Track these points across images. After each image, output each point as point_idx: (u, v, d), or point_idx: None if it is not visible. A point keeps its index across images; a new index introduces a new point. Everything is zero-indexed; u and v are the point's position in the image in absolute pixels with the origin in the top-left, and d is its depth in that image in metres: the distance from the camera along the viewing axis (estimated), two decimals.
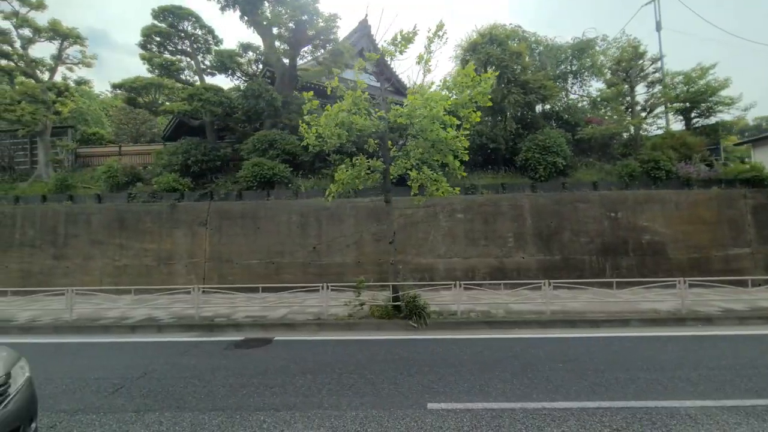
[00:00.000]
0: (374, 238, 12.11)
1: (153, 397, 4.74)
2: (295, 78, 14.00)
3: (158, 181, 12.88)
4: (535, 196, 12.16)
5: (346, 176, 8.69)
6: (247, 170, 12.62)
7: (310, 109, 8.04)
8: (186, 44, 14.41)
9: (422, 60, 8.89)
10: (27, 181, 14.26)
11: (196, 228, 12.41)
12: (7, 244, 12.70)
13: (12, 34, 13.66)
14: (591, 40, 14.38)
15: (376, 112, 8.17)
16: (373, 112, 8.08)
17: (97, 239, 12.53)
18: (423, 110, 7.13)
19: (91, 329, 8.28)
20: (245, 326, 8.15)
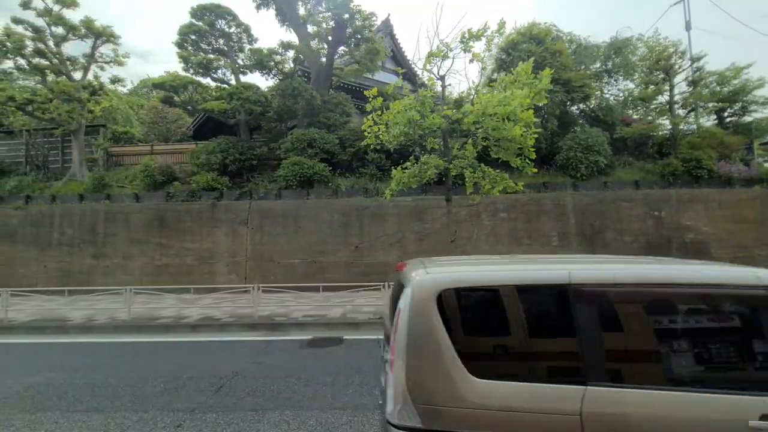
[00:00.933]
0: (417, 237, 12.07)
1: (260, 395, 4.69)
2: (330, 77, 13.96)
3: (196, 180, 12.82)
4: (578, 194, 12.14)
5: (407, 174, 8.66)
6: (287, 169, 12.56)
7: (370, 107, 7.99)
8: (220, 42, 14.35)
9: (481, 59, 8.90)
10: (61, 180, 14.16)
11: (236, 227, 12.35)
12: (46, 244, 12.62)
13: (46, 32, 13.58)
14: (628, 39, 14.38)
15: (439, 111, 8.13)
16: (438, 110, 8.03)
17: (137, 238, 12.45)
18: (498, 108, 7.08)
19: (152, 328, 8.21)
20: (308, 325, 8.09)
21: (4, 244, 12.70)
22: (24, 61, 14.03)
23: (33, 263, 12.55)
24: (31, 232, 12.72)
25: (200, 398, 4.67)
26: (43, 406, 4.51)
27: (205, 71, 13.58)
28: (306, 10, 13.91)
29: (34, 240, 12.67)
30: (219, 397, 4.70)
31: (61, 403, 4.61)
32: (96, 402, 4.61)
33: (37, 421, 4.15)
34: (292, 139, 13.04)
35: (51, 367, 5.99)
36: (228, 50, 13.94)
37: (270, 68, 13.49)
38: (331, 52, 13.17)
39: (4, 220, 12.84)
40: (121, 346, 7.15)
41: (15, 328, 8.36)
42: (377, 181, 13.05)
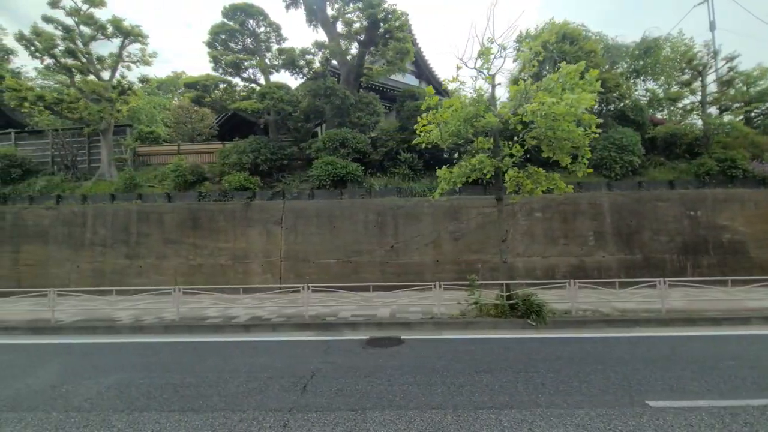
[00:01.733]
0: (452, 237, 12.04)
1: (349, 395, 4.65)
2: (360, 77, 13.94)
3: (228, 179, 12.78)
4: (614, 194, 12.11)
5: (455, 174, 8.64)
6: (320, 169, 12.53)
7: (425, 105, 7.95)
8: (247, 42, 14.32)
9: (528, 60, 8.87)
10: (90, 180, 14.11)
11: (270, 227, 12.32)
12: (78, 244, 12.58)
13: (75, 32, 13.53)
14: (657, 39, 14.38)
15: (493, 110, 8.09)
16: (493, 109, 8.00)
17: (170, 238, 12.41)
18: (559, 107, 7.04)
19: (202, 328, 8.16)
20: (360, 325, 8.05)
21: (36, 244, 12.65)
22: (51, 60, 13.99)
23: (65, 263, 12.50)
24: (63, 232, 12.67)
25: (290, 398, 4.63)
26: (136, 406, 4.47)
27: (236, 71, 13.55)
28: (335, 10, 13.89)
29: (66, 240, 12.62)
30: (309, 396, 4.66)
31: (152, 402, 4.57)
32: (186, 402, 4.57)
33: (137, 421, 4.11)
34: (324, 139, 13.01)
35: (121, 366, 5.95)
36: (257, 50, 13.90)
37: (300, 68, 13.45)
38: (363, 51, 13.14)
39: (36, 220, 12.79)
40: (180, 345, 7.10)
41: (64, 329, 8.32)
42: (410, 180, 13.03)
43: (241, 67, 13.44)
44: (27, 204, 13.12)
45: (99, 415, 4.27)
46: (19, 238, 12.72)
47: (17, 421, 4.16)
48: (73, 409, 4.45)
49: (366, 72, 13.99)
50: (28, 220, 12.81)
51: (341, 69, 13.98)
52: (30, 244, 12.68)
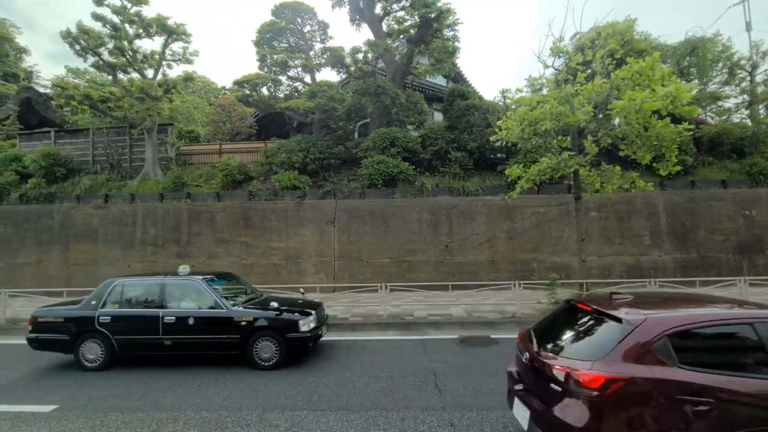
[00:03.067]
0: (507, 236, 12.00)
1: (489, 394, 4.61)
2: (406, 76, 13.89)
3: (278, 178, 12.72)
4: (668, 193, 12.10)
5: (532, 172, 8.62)
6: (372, 168, 12.48)
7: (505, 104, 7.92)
8: (290, 41, 14.27)
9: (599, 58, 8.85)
10: (135, 179, 14.03)
11: (323, 226, 12.26)
12: (129, 243, 12.49)
13: (123, 30, 13.45)
14: (702, 38, 14.39)
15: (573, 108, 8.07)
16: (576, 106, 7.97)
17: (222, 238, 12.34)
18: (654, 103, 7.02)
19: None
20: (442, 324, 8.01)
21: (86, 243, 12.57)
22: (94, 59, 13.90)
23: (116, 262, 12.41)
24: (112, 231, 12.59)
25: (431, 396, 4.59)
26: (276, 405, 4.42)
27: (282, 69, 13.49)
28: (382, 8, 13.86)
29: (116, 239, 12.54)
30: (450, 395, 4.62)
31: (296, 402, 4.52)
32: (329, 401, 4.52)
33: (301, 420, 4.06)
34: (374, 138, 12.96)
35: None
36: (302, 48, 13.84)
37: (347, 66, 13.39)
38: (411, 50, 13.09)
39: (85, 219, 12.70)
40: None
41: None
42: (461, 180, 13.00)
43: (289, 66, 13.38)
44: (75, 203, 13.03)
45: (239, 413, 4.22)
46: (68, 237, 12.62)
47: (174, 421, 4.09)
48: (211, 408, 4.39)
49: (412, 71, 13.94)
50: (76, 219, 12.72)
51: (387, 68, 13.94)
52: (79, 243, 12.59)
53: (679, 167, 8.24)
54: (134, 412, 4.32)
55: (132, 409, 4.39)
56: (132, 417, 4.21)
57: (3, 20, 35.25)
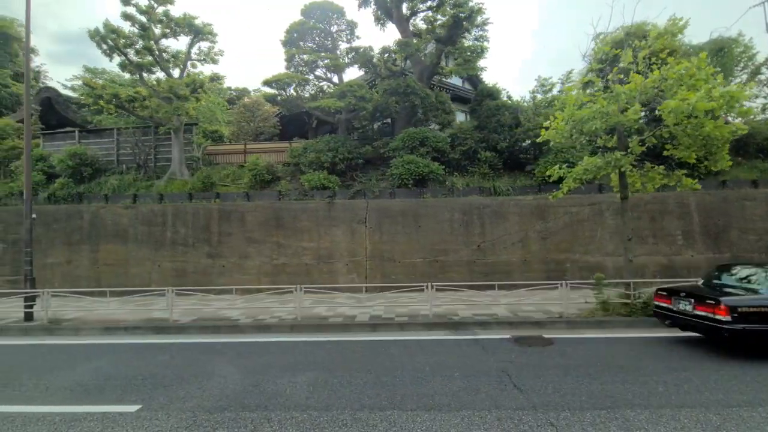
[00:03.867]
0: (540, 236, 11.99)
1: (576, 395, 4.55)
2: (433, 75, 13.87)
3: (308, 178, 12.70)
4: (701, 193, 12.08)
5: (576, 172, 8.61)
6: (402, 168, 12.47)
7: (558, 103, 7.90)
8: (317, 40, 14.25)
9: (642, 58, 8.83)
10: (162, 178, 14.00)
11: (354, 226, 12.24)
12: (159, 243, 12.46)
13: (151, 30, 13.43)
14: (729, 39, 14.42)
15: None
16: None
17: (253, 237, 12.31)
18: (708, 103, 7.00)
19: (329, 327, 8.09)
20: (490, 324, 7.99)
21: (116, 243, 12.53)
22: (120, 58, 13.87)
23: (146, 262, 12.38)
24: (142, 231, 12.56)
25: (516, 396, 4.55)
26: (364, 404, 4.38)
27: (310, 69, 13.48)
28: (409, 8, 13.85)
29: (146, 239, 12.50)
30: (535, 395, 4.57)
31: (378, 401, 4.48)
32: (414, 400, 4.48)
33: (387, 419, 4.03)
34: (403, 138, 12.95)
35: (294, 365, 5.86)
36: (330, 47, 13.83)
37: (376, 66, 13.37)
38: (440, 50, 13.08)
39: (115, 219, 12.67)
40: (327, 345, 7.00)
41: (187, 328, 8.24)
42: (491, 180, 12.99)
43: (318, 65, 13.36)
44: (103, 203, 13.01)
45: (330, 413, 4.19)
46: (97, 237, 12.59)
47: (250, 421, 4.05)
48: (298, 407, 4.36)
49: (439, 71, 13.93)
50: (106, 219, 12.68)
51: (414, 68, 13.93)
52: (109, 243, 12.56)
53: (731, 163, 8.21)
54: (221, 412, 4.29)
55: (219, 409, 4.36)
56: (223, 417, 4.18)
57: (12, 19, 35.17)
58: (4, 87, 27.67)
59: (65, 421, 4.14)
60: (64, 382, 5.36)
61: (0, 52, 32.68)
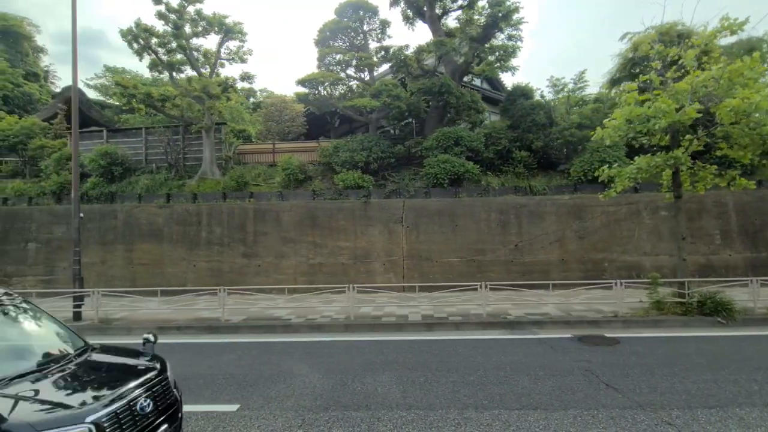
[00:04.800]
0: (577, 235, 11.97)
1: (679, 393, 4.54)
2: (465, 75, 13.85)
3: (342, 177, 12.67)
4: (739, 193, 12.07)
5: (628, 171, 8.58)
6: (437, 167, 12.44)
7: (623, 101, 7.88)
8: (347, 39, 14.23)
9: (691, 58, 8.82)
10: (192, 178, 13.96)
11: (391, 225, 12.21)
12: (194, 242, 12.41)
13: (184, 29, 13.39)
14: (760, 39, 14.42)
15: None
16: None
17: (289, 237, 12.27)
18: None
19: (383, 326, 8.05)
20: (545, 323, 7.96)
21: (151, 243, 12.48)
22: (149, 57, 13.83)
23: (181, 262, 12.33)
24: (177, 230, 12.51)
25: (616, 396, 4.52)
26: (465, 404, 4.36)
27: (343, 68, 13.45)
28: (441, 8, 13.85)
29: (181, 239, 12.46)
30: (635, 395, 4.53)
31: (482, 401, 4.46)
32: (518, 401, 4.45)
33: (486, 419, 4.00)
34: (437, 137, 12.93)
35: (368, 364, 5.82)
36: (362, 46, 13.81)
37: (407, 66, 13.34)
38: (474, 48, 13.05)
39: (149, 219, 12.62)
40: (391, 344, 6.95)
41: (240, 328, 8.19)
42: (525, 179, 12.97)
43: (351, 64, 13.34)
44: (136, 202, 12.96)
45: (436, 412, 4.16)
46: (131, 237, 12.54)
47: (376, 420, 4.02)
48: (401, 406, 4.32)
49: (471, 70, 13.91)
50: (140, 218, 12.63)
51: (446, 67, 13.91)
52: (144, 243, 12.51)
53: None
54: (325, 411, 4.26)
55: (320, 408, 4.32)
56: (329, 416, 4.14)
57: (22, 18, 35.04)
58: (17, 86, 27.62)
59: None
60: None
61: (11, 51, 32.55)
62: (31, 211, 12.94)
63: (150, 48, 13.54)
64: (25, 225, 12.82)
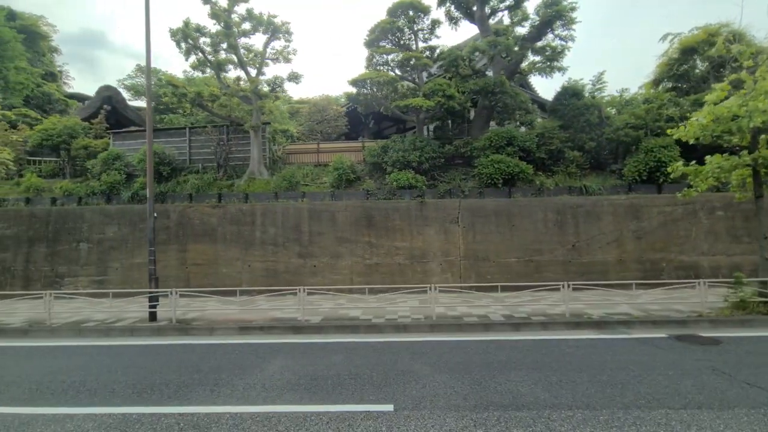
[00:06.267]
0: (635, 235, 11.96)
1: None
2: (514, 75, 13.84)
3: (395, 177, 12.65)
4: None
5: (708, 170, 8.59)
6: (491, 167, 12.43)
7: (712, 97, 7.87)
8: (394, 39, 14.21)
9: None
10: (240, 178, 13.91)
11: (447, 225, 12.18)
12: (248, 243, 12.37)
13: (235, 30, 13.37)
14: None
15: None
16: None
17: (344, 237, 12.24)
18: None
19: (469, 326, 8.01)
20: (633, 323, 7.94)
21: (205, 243, 12.43)
22: (195, 57, 13.81)
23: (236, 262, 12.29)
24: (231, 230, 12.46)
25: (761, 394, 4.51)
26: (623, 404, 4.32)
27: (394, 68, 13.43)
28: (490, 8, 13.85)
29: (235, 239, 12.41)
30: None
31: (636, 400, 4.42)
32: (685, 399, 4.42)
33: (652, 418, 3.97)
34: (489, 137, 12.92)
35: (488, 364, 5.78)
36: (411, 47, 13.79)
37: (456, 66, 13.33)
38: (526, 48, 13.05)
39: (202, 219, 12.58)
40: (493, 344, 6.93)
41: (324, 328, 8.14)
42: (577, 179, 12.97)
43: (406, 65, 13.31)
44: (187, 202, 12.91)
45: (599, 412, 4.13)
46: (185, 237, 12.49)
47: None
48: (562, 406, 4.27)
49: (520, 70, 13.91)
50: (193, 218, 12.58)
51: (494, 67, 13.90)
52: (197, 243, 12.46)
53: None
54: (483, 411, 4.21)
55: (476, 408, 4.28)
56: (490, 416, 4.10)
57: (38, 16, 34.98)
58: (37, 86, 27.57)
59: (341, 419, 4.06)
60: (273, 381, 5.26)
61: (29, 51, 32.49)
62: (82, 211, 12.88)
63: (198, 48, 13.51)
64: (76, 225, 12.76)
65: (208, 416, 4.21)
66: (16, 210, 12.95)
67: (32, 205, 13.29)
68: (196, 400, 4.64)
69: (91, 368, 6.01)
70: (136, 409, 4.41)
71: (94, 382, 5.34)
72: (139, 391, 4.97)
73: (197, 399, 4.69)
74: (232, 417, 4.18)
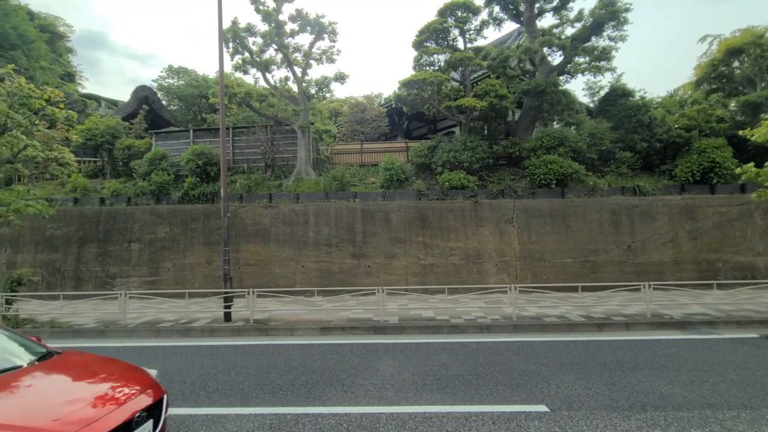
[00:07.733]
0: (690, 236, 11.96)
1: None
2: (561, 75, 13.83)
3: (447, 178, 12.63)
4: None
5: None
6: (544, 168, 12.42)
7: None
8: (441, 40, 14.21)
9: None
10: (288, 178, 13.87)
11: (502, 226, 12.17)
12: (302, 243, 12.33)
13: (285, 29, 13.34)
14: None
15: None
16: None
17: (398, 237, 12.21)
18: None
19: (552, 327, 7.99)
20: (716, 323, 7.93)
21: (258, 243, 12.39)
22: (239, 57, 13.78)
23: (289, 263, 12.25)
24: (284, 230, 12.42)
25: None
26: (748, 404, 4.31)
27: (444, 68, 13.41)
28: (538, 9, 13.86)
29: (288, 239, 12.37)
30: None
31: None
32: None
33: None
34: (540, 137, 12.92)
35: (592, 364, 5.75)
36: (458, 47, 13.78)
37: (505, 67, 13.34)
38: (574, 48, 13.03)
39: (254, 219, 12.54)
40: (594, 344, 6.90)
41: (405, 329, 8.12)
42: (629, 179, 12.97)
43: (456, 66, 13.30)
44: (238, 202, 12.87)
45: (756, 412, 4.12)
46: (237, 237, 12.44)
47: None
48: (706, 406, 4.24)
49: (567, 70, 13.89)
50: (245, 219, 12.55)
51: (541, 68, 13.89)
52: (250, 243, 12.42)
53: None
54: (644, 411, 4.19)
55: (626, 408, 4.26)
56: (646, 417, 4.08)
57: (55, 17, 35.00)
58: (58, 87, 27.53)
59: (503, 419, 4.04)
60: (399, 381, 5.23)
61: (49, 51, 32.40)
62: (132, 211, 12.83)
63: (246, 47, 13.49)
64: (127, 225, 12.71)
65: (364, 416, 4.18)
66: (66, 210, 12.89)
67: (80, 205, 13.24)
68: (336, 400, 4.61)
69: (199, 368, 5.96)
70: (283, 409, 4.36)
71: (213, 382, 5.28)
72: (272, 391, 4.93)
73: (335, 399, 4.65)
74: (391, 417, 4.16)
